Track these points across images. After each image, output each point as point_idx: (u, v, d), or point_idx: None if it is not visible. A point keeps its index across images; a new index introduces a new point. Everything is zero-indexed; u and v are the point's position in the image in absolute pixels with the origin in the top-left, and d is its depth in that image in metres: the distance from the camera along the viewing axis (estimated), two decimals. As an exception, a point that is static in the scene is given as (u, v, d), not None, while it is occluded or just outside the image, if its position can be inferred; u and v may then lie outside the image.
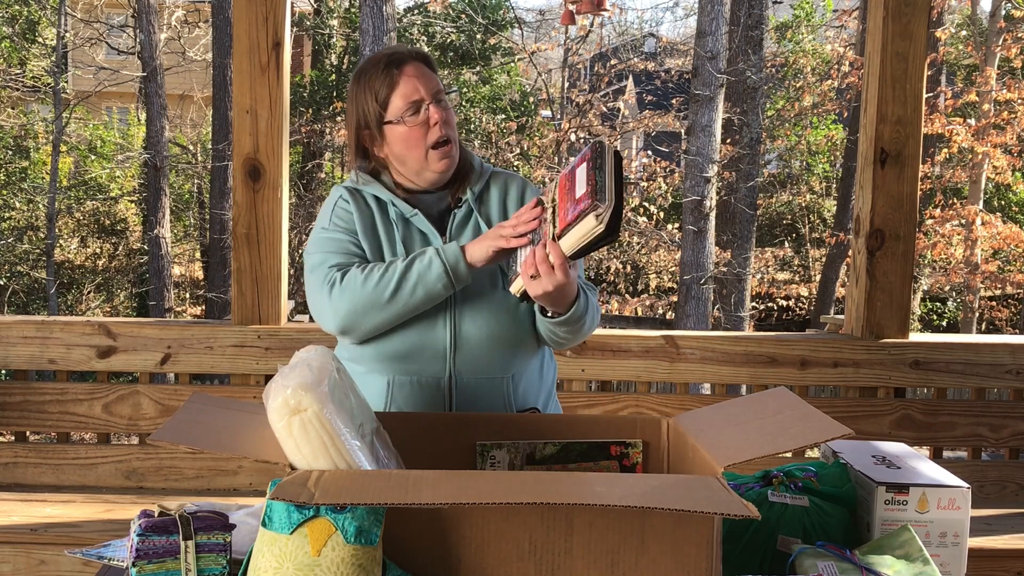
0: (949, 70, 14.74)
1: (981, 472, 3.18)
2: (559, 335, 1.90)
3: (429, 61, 1.98)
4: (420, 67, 1.94)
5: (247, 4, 3.09)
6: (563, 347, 2.00)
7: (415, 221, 1.95)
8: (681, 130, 12.57)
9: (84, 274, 14.73)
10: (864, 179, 3.20)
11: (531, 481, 1.26)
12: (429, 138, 1.91)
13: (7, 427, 3.18)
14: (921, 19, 3.11)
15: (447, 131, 1.92)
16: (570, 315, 1.83)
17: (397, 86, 1.91)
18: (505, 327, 1.90)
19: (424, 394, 1.89)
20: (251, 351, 3.12)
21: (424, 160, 1.93)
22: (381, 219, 1.96)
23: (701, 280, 9.14)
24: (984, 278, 11.42)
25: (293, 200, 13.39)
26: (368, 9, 9.35)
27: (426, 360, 1.88)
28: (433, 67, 1.98)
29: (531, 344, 1.96)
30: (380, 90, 1.92)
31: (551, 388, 2.09)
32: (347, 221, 1.95)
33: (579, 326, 1.88)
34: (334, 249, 1.93)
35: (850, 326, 3.27)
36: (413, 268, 1.83)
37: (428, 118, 1.91)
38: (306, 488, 1.21)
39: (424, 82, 1.92)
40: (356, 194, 1.99)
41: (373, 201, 1.98)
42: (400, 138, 1.92)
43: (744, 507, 1.19)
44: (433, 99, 1.92)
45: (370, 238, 1.94)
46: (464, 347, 1.88)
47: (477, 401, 1.90)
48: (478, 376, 1.90)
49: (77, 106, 14.62)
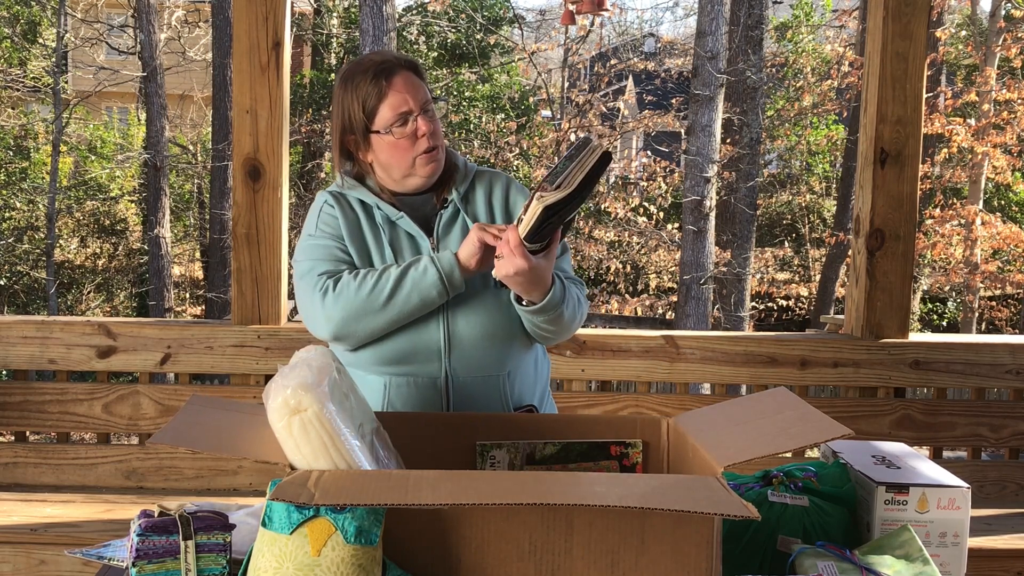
0: (949, 70, 14.74)
1: (981, 472, 3.18)
2: (539, 326, 1.89)
3: (418, 70, 1.97)
4: (409, 77, 1.92)
5: (247, 4, 3.09)
6: (549, 341, 1.99)
7: (401, 224, 1.95)
8: (681, 130, 12.57)
9: (84, 274, 14.73)
10: (864, 179, 3.20)
11: (531, 481, 1.26)
12: (416, 148, 1.91)
13: (7, 427, 3.18)
14: (921, 19, 3.11)
15: (434, 142, 1.92)
16: (543, 304, 1.83)
17: (386, 97, 1.90)
18: (498, 325, 1.90)
19: (421, 394, 1.89)
20: (251, 351, 3.12)
21: (411, 167, 1.93)
22: (367, 223, 1.96)
23: (701, 280, 9.14)
24: (984, 278, 11.43)
25: (293, 200, 13.39)
26: (368, 9, 9.35)
27: (421, 361, 1.89)
28: (422, 75, 1.98)
29: (524, 341, 1.96)
30: (368, 99, 1.90)
31: (546, 385, 2.10)
32: (333, 227, 1.95)
33: (556, 315, 1.87)
34: (322, 256, 1.93)
35: (850, 326, 3.27)
36: (408, 275, 1.84)
37: (416, 130, 1.90)
38: (306, 488, 1.21)
39: (413, 93, 1.91)
40: (341, 199, 1.99)
41: (358, 205, 1.98)
42: (386, 148, 1.92)
43: (744, 507, 1.19)
44: (421, 110, 1.91)
45: (357, 242, 1.94)
46: (458, 346, 1.89)
47: (474, 399, 1.90)
48: (474, 374, 1.90)
49: (77, 106, 14.63)
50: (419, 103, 1.91)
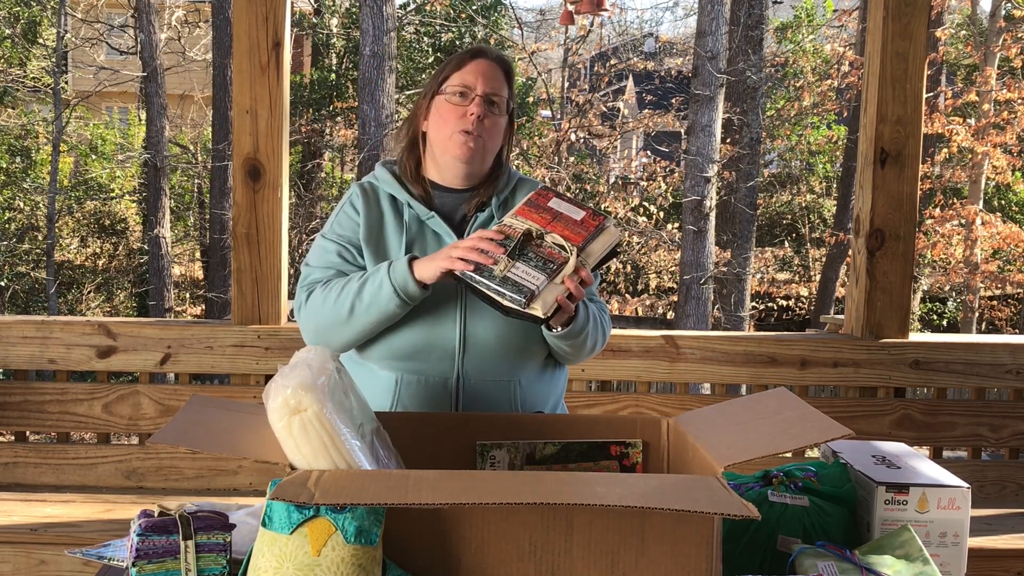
0: (949, 70, 14.74)
1: (981, 472, 3.18)
2: (560, 347, 1.91)
3: (508, 68, 2.00)
4: (493, 67, 1.96)
5: (247, 4, 3.09)
6: (568, 361, 2.03)
7: (431, 223, 1.95)
8: (681, 130, 12.57)
9: (84, 274, 14.73)
10: (864, 179, 3.20)
11: (531, 481, 1.26)
12: (460, 124, 1.93)
13: (7, 427, 3.18)
14: (921, 19, 3.10)
15: (479, 129, 1.93)
16: (568, 331, 1.84)
17: (461, 68, 1.96)
18: (515, 331, 1.89)
19: (431, 393, 1.89)
20: (251, 351, 3.12)
21: (448, 140, 1.94)
22: (393, 219, 1.96)
23: (701, 280, 9.14)
24: (984, 278, 11.43)
25: (293, 200, 13.39)
26: (368, 9, 9.36)
27: (434, 359, 1.89)
28: (509, 76, 2.00)
29: (540, 350, 1.96)
30: (449, 68, 1.97)
31: (560, 395, 2.09)
32: (348, 228, 1.97)
33: (580, 341, 1.89)
34: (320, 263, 1.97)
35: (850, 326, 3.27)
36: (366, 288, 1.84)
37: (468, 108, 1.93)
38: (306, 488, 1.21)
39: (485, 80, 1.94)
40: (370, 193, 2.00)
41: (388, 200, 1.99)
42: (438, 111, 1.96)
43: (744, 507, 1.19)
44: (484, 98, 1.94)
45: (375, 239, 1.95)
46: (473, 348, 1.89)
47: (483, 403, 1.90)
48: (485, 378, 1.90)
49: (77, 106, 14.62)
50: (486, 89, 1.94)
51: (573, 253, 1.74)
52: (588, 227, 1.78)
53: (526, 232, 1.76)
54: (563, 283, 1.72)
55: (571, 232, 1.77)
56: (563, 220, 1.79)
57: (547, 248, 1.75)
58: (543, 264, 1.73)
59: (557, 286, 1.72)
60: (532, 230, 1.77)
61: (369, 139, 9.50)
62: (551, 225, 1.78)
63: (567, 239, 1.76)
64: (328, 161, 15.51)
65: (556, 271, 1.72)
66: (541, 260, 1.73)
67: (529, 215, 1.79)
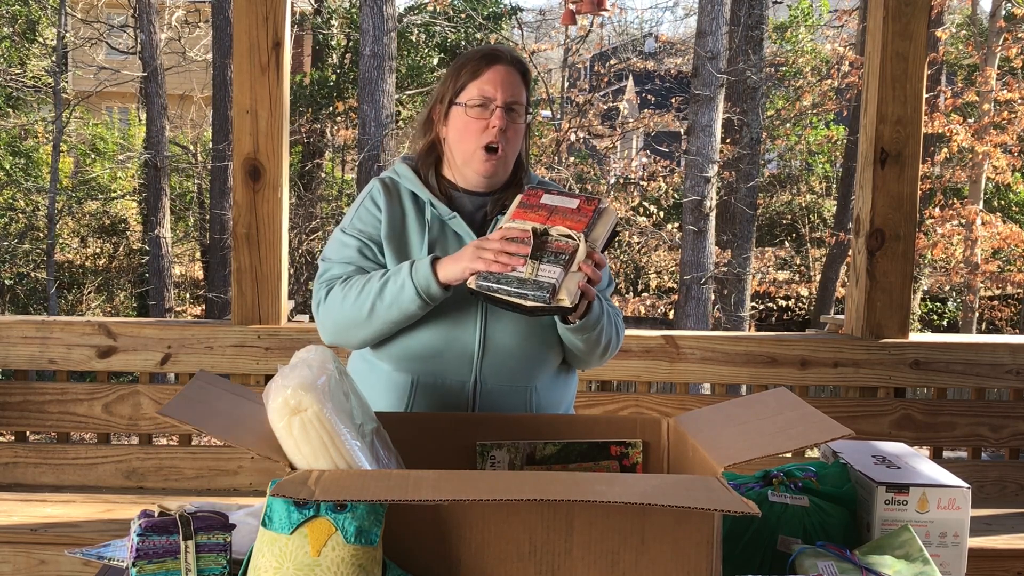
0: (949, 70, 14.73)
1: (981, 472, 3.18)
2: (578, 346, 1.90)
3: (525, 72, 1.97)
4: (510, 72, 1.92)
5: (247, 4, 3.09)
6: (584, 364, 2.00)
7: (452, 224, 1.93)
8: (681, 130, 12.56)
9: (84, 274, 14.72)
10: (864, 179, 3.20)
11: (531, 481, 1.26)
12: (482, 139, 1.90)
13: (7, 427, 3.18)
14: (921, 19, 3.11)
15: (502, 142, 1.90)
16: (584, 322, 1.83)
17: (479, 77, 1.91)
18: (534, 336, 1.89)
19: (447, 396, 1.88)
20: (251, 351, 3.12)
21: (471, 156, 1.92)
22: (415, 217, 1.94)
23: (701, 280, 9.14)
24: (984, 278, 11.42)
25: (293, 200, 13.38)
26: (368, 9, 9.36)
27: (452, 362, 1.87)
28: (527, 81, 1.97)
29: (557, 355, 1.95)
30: (464, 75, 1.92)
31: (571, 401, 2.08)
32: (369, 224, 1.94)
33: (595, 335, 1.88)
34: (339, 258, 1.93)
35: (850, 326, 3.27)
36: (387, 288, 1.81)
37: (490, 120, 1.90)
38: (306, 486, 1.21)
39: (504, 87, 1.90)
40: (392, 189, 1.97)
41: (409, 197, 1.96)
42: (459, 124, 1.92)
43: (744, 504, 1.19)
44: (505, 106, 1.90)
45: (396, 236, 1.92)
46: (492, 353, 1.87)
47: (498, 408, 1.89)
48: (502, 383, 1.89)
49: (77, 106, 14.62)
50: (506, 98, 1.90)
51: (581, 239, 1.75)
52: (586, 213, 1.79)
53: (533, 231, 1.77)
54: (579, 270, 1.73)
55: (572, 222, 1.77)
56: (560, 212, 1.79)
57: (555, 242, 1.76)
58: (555, 257, 1.73)
59: (575, 274, 1.73)
60: (536, 228, 1.77)
61: (369, 139, 9.50)
62: (550, 220, 1.78)
63: (571, 228, 1.77)
64: (328, 161, 15.50)
65: (569, 261, 1.73)
66: (552, 254, 1.74)
67: (526, 216, 1.79)
